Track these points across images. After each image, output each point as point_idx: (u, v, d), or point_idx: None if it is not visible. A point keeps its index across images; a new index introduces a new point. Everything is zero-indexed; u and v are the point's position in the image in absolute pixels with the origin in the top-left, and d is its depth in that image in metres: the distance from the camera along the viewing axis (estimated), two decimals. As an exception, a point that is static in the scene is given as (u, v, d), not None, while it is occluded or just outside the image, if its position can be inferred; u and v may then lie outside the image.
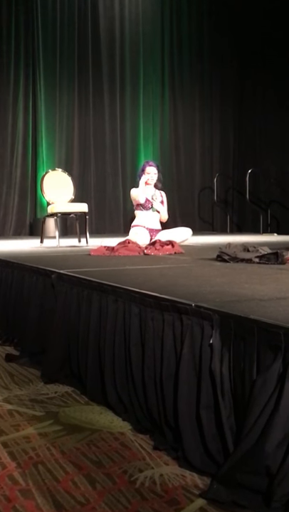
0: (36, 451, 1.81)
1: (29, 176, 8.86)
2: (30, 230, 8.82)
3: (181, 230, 5.56)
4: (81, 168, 9.25)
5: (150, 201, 5.38)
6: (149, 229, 5.38)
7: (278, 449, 1.40)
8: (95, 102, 9.31)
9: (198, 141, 10.13)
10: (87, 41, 9.23)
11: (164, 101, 9.86)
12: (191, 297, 1.95)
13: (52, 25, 8.99)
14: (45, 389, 2.48)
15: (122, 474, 1.64)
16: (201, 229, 9.62)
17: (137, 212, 5.45)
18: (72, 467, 1.69)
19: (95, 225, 9.09)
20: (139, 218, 5.44)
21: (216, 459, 1.63)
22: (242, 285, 2.35)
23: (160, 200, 5.44)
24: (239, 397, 1.61)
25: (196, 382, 1.73)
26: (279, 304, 1.83)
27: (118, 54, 9.48)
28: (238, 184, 9.98)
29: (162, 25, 9.80)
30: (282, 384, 1.43)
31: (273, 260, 3.30)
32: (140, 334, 2.08)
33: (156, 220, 5.45)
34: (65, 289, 2.74)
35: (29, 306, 3.12)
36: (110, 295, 2.33)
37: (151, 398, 1.95)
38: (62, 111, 9.09)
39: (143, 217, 5.40)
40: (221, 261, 3.47)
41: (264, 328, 1.53)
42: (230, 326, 1.66)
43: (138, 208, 5.43)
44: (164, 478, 1.61)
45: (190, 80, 10.00)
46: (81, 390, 2.42)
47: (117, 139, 9.45)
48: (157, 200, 5.42)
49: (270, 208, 9.30)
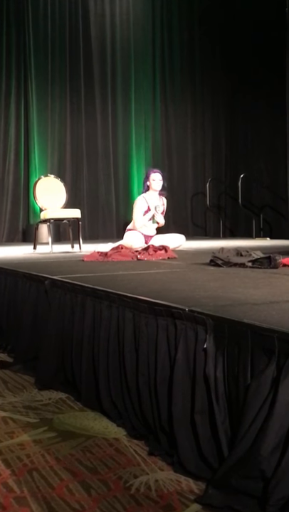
0: (31, 458, 1.80)
1: (22, 182, 8.84)
2: (23, 236, 8.80)
3: (175, 236, 5.59)
4: (74, 174, 9.25)
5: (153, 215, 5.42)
6: (144, 235, 5.42)
7: (273, 453, 1.40)
8: (87, 108, 9.32)
9: (190, 146, 10.15)
10: (79, 48, 9.24)
11: (156, 106, 9.89)
12: (185, 302, 1.95)
13: (43, 32, 9.00)
14: (39, 396, 2.47)
15: (117, 480, 1.63)
16: (194, 234, 9.62)
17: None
18: (67, 474, 1.69)
19: (88, 231, 9.09)
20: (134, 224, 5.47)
21: (211, 463, 1.63)
22: (235, 289, 2.36)
23: (162, 210, 5.49)
24: (233, 401, 1.61)
25: (190, 387, 1.73)
26: (272, 308, 1.83)
27: (109, 60, 9.50)
28: (231, 189, 10.00)
29: (153, 31, 9.84)
30: (276, 388, 1.43)
31: (266, 264, 3.31)
32: (134, 339, 2.08)
33: (152, 227, 5.50)
34: (58, 295, 2.74)
35: (22, 313, 3.11)
36: (104, 300, 2.33)
37: (145, 404, 1.94)
38: (54, 117, 9.10)
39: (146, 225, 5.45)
40: (214, 265, 3.47)
41: (258, 332, 1.54)
42: (224, 331, 1.66)
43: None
44: (159, 483, 1.61)
45: (181, 86, 10.03)
46: (75, 397, 2.41)
47: (109, 144, 9.46)
48: (159, 211, 5.47)
49: (262, 212, 9.32)
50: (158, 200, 5.54)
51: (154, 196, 5.50)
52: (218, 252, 3.63)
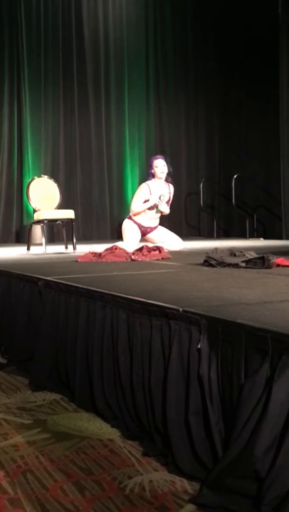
0: (25, 460, 1.80)
1: (15, 183, 8.83)
2: (16, 237, 8.78)
3: (175, 240, 5.51)
4: (67, 174, 9.23)
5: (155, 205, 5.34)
6: (144, 227, 5.37)
7: (267, 453, 1.40)
8: (80, 109, 9.32)
9: (183, 146, 10.16)
10: (72, 48, 9.24)
11: (149, 107, 9.89)
12: (179, 302, 1.95)
13: (36, 32, 8.99)
14: (33, 397, 2.46)
15: (111, 481, 1.63)
16: (188, 234, 9.63)
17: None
18: (61, 475, 1.68)
19: (82, 232, 9.08)
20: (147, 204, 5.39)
21: (205, 464, 1.63)
22: (229, 289, 2.36)
23: (167, 199, 5.40)
24: (227, 401, 1.61)
25: (184, 388, 1.73)
26: (266, 308, 1.84)
27: (103, 60, 9.50)
28: (224, 189, 10.01)
29: (146, 31, 9.84)
30: (270, 388, 1.43)
31: (260, 265, 3.32)
32: (128, 340, 2.07)
33: (154, 217, 5.43)
34: (52, 296, 2.74)
35: (16, 314, 3.10)
36: (98, 301, 2.32)
37: (139, 404, 1.94)
38: (47, 118, 9.08)
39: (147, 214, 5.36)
40: (208, 266, 3.48)
41: (251, 332, 1.54)
42: (218, 331, 1.66)
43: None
44: (153, 484, 1.61)
45: (175, 86, 10.04)
46: (69, 397, 2.41)
47: (103, 145, 9.46)
48: (164, 200, 5.36)
49: (256, 212, 9.34)
50: (164, 187, 5.42)
51: (159, 184, 5.39)
52: (212, 253, 3.63)
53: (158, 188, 5.36)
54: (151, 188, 5.34)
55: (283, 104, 8.20)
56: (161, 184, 5.38)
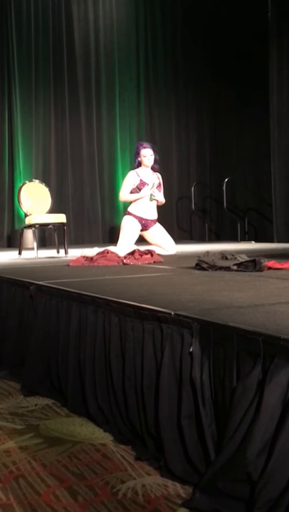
0: (17, 465, 1.79)
1: (6, 187, 8.81)
2: (8, 241, 8.76)
3: (169, 244, 5.50)
4: (58, 178, 9.23)
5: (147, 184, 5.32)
6: (144, 219, 5.35)
7: (259, 455, 1.40)
8: (72, 113, 9.32)
9: (174, 150, 10.19)
10: (62, 52, 9.24)
11: (140, 111, 9.91)
12: (171, 306, 1.95)
13: (26, 37, 8.99)
14: (25, 402, 2.45)
15: (104, 486, 1.63)
16: (180, 238, 9.65)
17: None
18: (54, 480, 1.68)
19: (74, 236, 9.07)
20: (135, 205, 5.36)
21: (197, 467, 1.63)
22: (221, 293, 2.37)
23: (160, 198, 5.38)
24: (220, 404, 1.61)
25: (176, 391, 1.73)
26: (257, 311, 1.84)
27: (93, 64, 9.51)
28: (216, 193, 10.04)
29: (137, 35, 9.87)
30: (261, 391, 1.43)
31: (251, 268, 3.33)
32: (120, 344, 2.07)
33: (153, 208, 5.40)
34: (44, 300, 2.73)
35: (8, 319, 3.09)
36: (90, 305, 2.32)
37: (132, 408, 1.94)
38: (38, 122, 9.08)
39: (139, 204, 5.33)
40: (200, 269, 3.48)
41: (243, 335, 1.54)
42: (210, 334, 1.66)
43: (134, 191, 5.35)
44: (146, 488, 1.60)
45: (165, 90, 10.07)
46: (62, 402, 2.40)
47: (94, 149, 9.46)
48: (156, 190, 5.34)
49: (247, 216, 9.37)
50: (152, 176, 5.41)
51: (146, 172, 5.38)
52: (204, 256, 3.64)
53: (146, 175, 5.35)
54: (140, 174, 5.34)
55: (273, 108, 8.24)
56: (148, 172, 5.37)
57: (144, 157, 5.32)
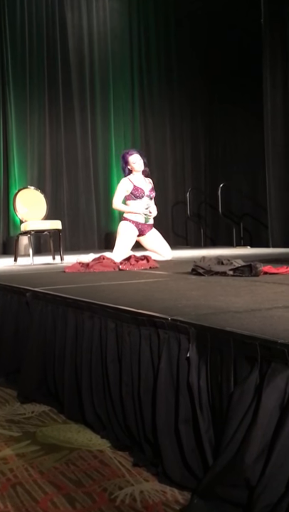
0: (14, 473, 1.78)
1: (1, 194, 8.81)
2: (3, 248, 8.75)
3: (165, 250, 5.51)
4: (54, 185, 9.23)
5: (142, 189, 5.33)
6: (141, 224, 5.35)
7: (257, 460, 1.40)
8: (66, 120, 9.34)
9: (169, 156, 10.21)
10: (57, 59, 9.27)
11: (135, 117, 9.93)
12: (167, 311, 1.95)
13: (21, 44, 9.01)
14: (21, 409, 2.44)
15: (101, 492, 1.62)
16: (175, 243, 9.66)
17: (129, 202, 5.38)
18: (51, 487, 1.67)
19: (69, 242, 9.07)
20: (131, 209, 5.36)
21: (195, 473, 1.62)
22: (217, 298, 2.37)
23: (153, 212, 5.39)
24: (217, 409, 1.61)
25: (174, 397, 1.73)
26: (254, 316, 1.84)
27: (88, 71, 9.54)
28: (211, 198, 10.06)
29: (130, 42, 9.90)
30: (259, 395, 1.43)
31: (247, 273, 3.33)
32: (117, 350, 2.07)
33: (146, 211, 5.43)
34: (40, 306, 2.72)
35: (4, 325, 3.08)
36: (86, 311, 2.32)
37: (129, 414, 1.93)
38: (33, 129, 9.09)
39: (136, 209, 5.34)
40: (196, 274, 3.48)
41: (240, 339, 1.54)
42: (207, 339, 1.66)
43: (129, 197, 5.36)
44: (144, 494, 1.60)
45: (159, 97, 10.10)
46: (58, 409, 2.39)
47: (89, 155, 9.47)
48: (152, 213, 5.37)
49: (242, 221, 9.39)
50: (144, 180, 5.42)
51: (138, 177, 5.39)
52: (200, 261, 3.64)
53: (138, 181, 5.36)
54: (133, 180, 5.35)
55: (267, 114, 8.28)
56: (139, 177, 5.39)
57: (134, 163, 5.33)
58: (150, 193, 5.39)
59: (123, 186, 5.34)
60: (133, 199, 5.33)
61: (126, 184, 5.34)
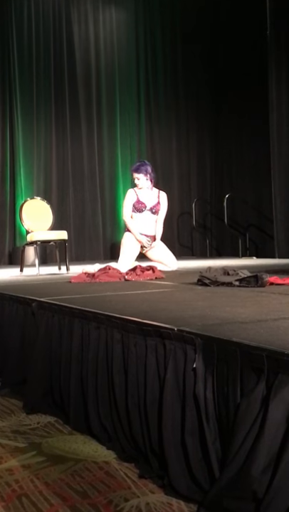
0: (20, 484, 1.77)
1: (8, 204, 8.85)
2: (9, 258, 8.77)
3: (171, 261, 5.52)
4: (60, 196, 9.27)
5: (144, 204, 5.36)
6: (144, 235, 5.38)
7: (264, 473, 1.39)
8: (73, 131, 9.39)
9: (175, 167, 10.24)
10: (63, 70, 9.33)
11: (141, 128, 9.98)
12: (174, 322, 1.94)
13: (28, 55, 9.09)
14: (27, 420, 2.44)
15: (107, 504, 1.61)
16: (181, 254, 9.65)
17: (132, 214, 5.42)
18: (57, 499, 1.66)
19: (75, 253, 9.08)
20: (136, 221, 5.40)
21: (202, 485, 1.61)
22: (223, 308, 2.36)
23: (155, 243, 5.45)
24: (224, 421, 1.60)
25: (180, 408, 1.72)
26: (260, 327, 1.84)
27: (94, 82, 9.60)
28: (216, 209, 10.07)
29: (137, 53, 9.97)
30: (266, 407, 1.42)
31: (253, 283, 3.32)
32: (123, 360, 2.06)
33: (153, 225, 5.44)
34: (46, 317, 2.72)
35: (9, 336, 3.08)
36: (92, 322, 2.32)
37: (135, 425, 1.92)
38: (39, 140, 9.14)
39: (138, 221, 5.37)
40: (202, 285, 3.48)
41: (246, 350, 1.53)
42: (213, 350, 1.66)
43: (132, 210, 5.40)
44: (150, 506, 1.59)
45: (166, 108, 10.15)
46: (64, 420, 2.39)
47: (95, 166, 9.51)
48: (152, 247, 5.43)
49: (248, 232, 9.38)
50: (150, 194, 5.44)
51: (144, 190, 5.43)
52: (206, 272, 3.64)
53: (143, 194, 5.39)
54: (138, 193, 5.39)
55: (273, 124, 8.30)
56: (145, 191, 5.42)
57: (135, 180, 5.41)
58: (153, 208, 5.42)
59: (129, 198, 5.41)
60: (134, 212, 5.38)
61: (131, 195, 5.41)
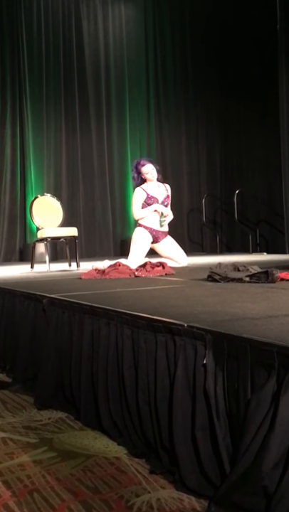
0: (31, 479, 1.78)
1: (18, 201, 8.88)
2: (20, 255, 8.80)
3: (181, 257, 5.52)
4: (70, 192, 9.28)
5: (155, 198, 5.37)
6: (155, 231, 5.38)
7: (275, 468, 1.39)
8: (82, 127, 9.39)
9: (185, 163, 10.22)
10: (73, 67, 9.34)
11: (150, 124, 9.96)
12: (184, 318, 1.94)
13: (37, 52, 9.10)
14: (38, 415, 2.45)
15: (118, 500, 1.62)
16: (191, 250, 9.65)
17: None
18: (68, 494, 1.67)
19: (85, 249, 9.10)
20: (146, 217, 5.41)
21: (212, 481, 1.61)
22: (233, 304, 2.36)
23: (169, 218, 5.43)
24: (234, 417, 1.60)
25: (190, 404, 1.72)
26: (271, 322, 1.83)
27: (103, 79, 9.60)
28: (226, 205, 10.04)
29: (146, 49, 9.95)
30: (276, 403, 1.42)
31: (264, 279, 3.31)
32: (133, 356, 2.07)
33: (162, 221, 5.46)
34: (56, 313, 2.73)
35: (20, 332, 3.10)
36: (102, 318, 2.32)
37: (146, 421, 1.93)
38: (49, 136, 9.16)
39: (150, 216, 5.38)
40: (212, 281, 3.47)
41: (257, 346, 1.53)
42: (224, 346, 1.66)
43: (144, 206, 5.40)
44: (161, 502, 1.59)
45: (175, 103, 10.13)
46: (75, 416, 2.40)
47: (105, 162, 9.52)
48: (167, 218, 5.41)
49: (258, 227, 9.36)
50: (158, 188, 5.46)
51: (151, 185, 5.43)
52: (216, 268, 3.63)
53: (152, 189, 5.40)
54: (146, 189, 5.39)
55: (283, 119, 8.25)
56: (153, 185, 5.42)
57: (147, 174, 5.39)
58: (164, 201, 5.41)
59: (138, 196, 5.41)
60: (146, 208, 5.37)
61: (140, 193, 5.39)
